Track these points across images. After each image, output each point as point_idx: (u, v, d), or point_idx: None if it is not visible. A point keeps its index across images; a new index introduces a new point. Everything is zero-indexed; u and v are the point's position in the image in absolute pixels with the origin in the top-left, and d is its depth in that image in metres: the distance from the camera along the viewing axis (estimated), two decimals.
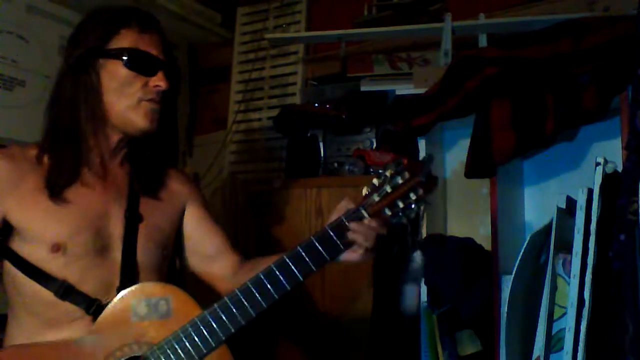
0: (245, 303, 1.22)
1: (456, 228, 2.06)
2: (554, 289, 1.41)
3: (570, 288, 1.36)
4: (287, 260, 1.24)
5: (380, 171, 1.29)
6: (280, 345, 2.24)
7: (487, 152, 1.64)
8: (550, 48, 1.60)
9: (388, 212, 1.27)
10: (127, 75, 1.27)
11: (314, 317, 2.21)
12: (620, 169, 1.40)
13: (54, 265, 1.24)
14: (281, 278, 1.23)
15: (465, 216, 2.07)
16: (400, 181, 1.25)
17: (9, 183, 1.25)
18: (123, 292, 1.24)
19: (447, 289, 1.80)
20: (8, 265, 1.28)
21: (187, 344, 1.21)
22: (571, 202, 1.48)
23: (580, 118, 1.58)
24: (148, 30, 1.31)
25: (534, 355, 1.41)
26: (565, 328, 1.34)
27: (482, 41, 2.17)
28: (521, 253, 1.49)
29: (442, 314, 1.76)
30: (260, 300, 1.22)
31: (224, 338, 1.21)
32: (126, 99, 1.28)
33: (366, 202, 1.28)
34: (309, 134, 2.41)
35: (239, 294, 1.23)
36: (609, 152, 1.56)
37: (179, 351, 1.21)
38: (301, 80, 2.85)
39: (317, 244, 1.25)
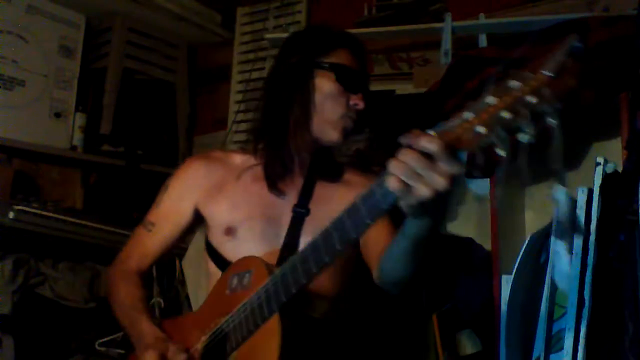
0: (299, 269, 1.12)
1: (456, 228, 2.06)
2: (554, 289, 1.41)
3: (570, 288, 1.36)
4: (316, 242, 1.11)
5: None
6: None
7: (486, 152, 1.64)
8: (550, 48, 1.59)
9: (481, 130, 0.84)
10: (334, 89, 1.38)
11: None
12: (620, 169, 1.40)
13: (226, 248, 1.37)
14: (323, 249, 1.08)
15: (465, 216, 2.07)
16: (514, 85, 0.82)
17: (200, 178, 1.44)
18: (229, 267, 1.31)
19: (446, 288, 1.80)
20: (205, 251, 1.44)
21: (249, 313, 1.19)
22: (571, 202, 1.48)
23: (580, 118, 1.58)
24: (359, 55, 1.44)
25: (534, 355, 1.41)
26: (565, 328, 1.34)
27: (482, 41, 2.17)
28: (521, 253, 1.49)
29: (442, 314, 1.76)
30: (312, 266, 1.10)
31: (276, 308, 1.15)
32: (329, 111, 1.38)
33: (448, 123, 0.89)
34: None
35: (294, 259, 1.14)
36: (609, 152, 1.56)
37: (242, 321, 1.20)
38: None
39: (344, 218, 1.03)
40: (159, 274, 2.29)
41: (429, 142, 0.87)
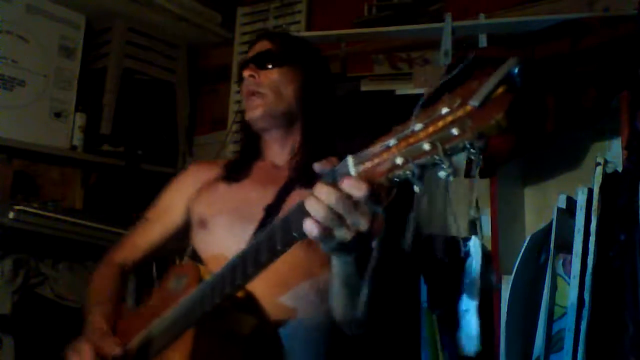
0: (217, 287, 1.08)
1: None
2: (554, 289, 1.42)
3: (570, 288, 1.37)
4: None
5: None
6: None
7: (486, 153, 1.64)
8: (550, 48, 1.60)
9: (399, 162, 0.76)
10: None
11: None
12: (620, 169, 1.40)
13: (198, 240, 1.42)
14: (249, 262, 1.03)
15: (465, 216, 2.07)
16: (441, 112, 0.73)
17: (193, 178, 1.51)
18: (173, 268, 1.32)
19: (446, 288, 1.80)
20: None
21: (171, 323, 1.18)
22: (571, 202, 1.48)
23: (580, 118, 1.58)
24: (256, 43, 1.51)
25: (534, 355, 1.41)
26: (565, 328, 1.34)
27: (482, 41, 2.17)
28: (521, 253, 1.49)
29: (442, 314, 1.76)
30: (226, 286, 1.07)
31: (194, 320, 1.13)
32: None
33: (366, 151, 0.80)
34: None
35: (216, 275, 1.11)
36: (609, 152, 1.56)
37: (165, 329, 1.19)
38: None
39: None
40: (159, 274, 2.29)
41: (356, 187, 0.79)
